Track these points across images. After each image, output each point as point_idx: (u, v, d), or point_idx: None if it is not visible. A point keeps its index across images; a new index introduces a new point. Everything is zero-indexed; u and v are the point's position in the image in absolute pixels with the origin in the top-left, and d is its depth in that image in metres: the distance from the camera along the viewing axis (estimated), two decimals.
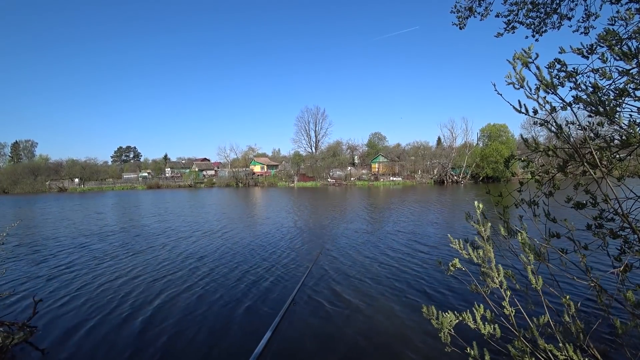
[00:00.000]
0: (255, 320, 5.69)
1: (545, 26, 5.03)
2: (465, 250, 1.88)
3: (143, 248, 11.52)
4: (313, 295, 6.67)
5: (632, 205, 1.91)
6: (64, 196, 47.32)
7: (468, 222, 1.94)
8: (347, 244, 11.29)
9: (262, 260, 9.44)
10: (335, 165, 63.98)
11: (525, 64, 1.56)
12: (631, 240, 1.87)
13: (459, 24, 5.67)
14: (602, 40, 1.79)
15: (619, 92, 1.71)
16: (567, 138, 1.57)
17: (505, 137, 55.17)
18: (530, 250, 1.73)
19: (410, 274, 7.86)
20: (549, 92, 1.55)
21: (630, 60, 1.56)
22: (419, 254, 9.68)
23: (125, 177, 74.39)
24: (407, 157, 64.55)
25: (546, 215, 1.95)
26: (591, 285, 1.73)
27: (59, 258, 10.31)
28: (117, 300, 6.71)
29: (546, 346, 1.65)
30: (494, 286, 1.81)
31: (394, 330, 5.22)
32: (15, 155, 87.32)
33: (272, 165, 75.68)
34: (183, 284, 7.59)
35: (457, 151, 59.89)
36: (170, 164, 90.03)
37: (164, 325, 5.59)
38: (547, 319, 1.74)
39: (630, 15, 1.99)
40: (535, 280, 1.70)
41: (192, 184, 65.46)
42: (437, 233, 12.89)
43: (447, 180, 56.81)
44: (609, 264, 1.92)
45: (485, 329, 1.79)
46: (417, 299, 6.40)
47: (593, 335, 2.08)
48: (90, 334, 5.35)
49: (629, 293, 1.55)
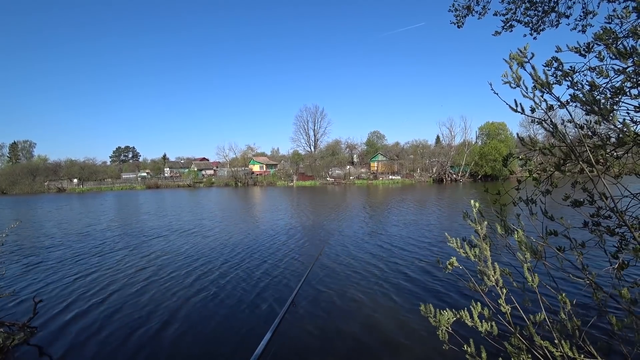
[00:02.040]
0: (255, 321, 5.70)
1: (543, 24, 5.04)
2: (462, 249, 1.89)
3: (142, 247, 11.52)
4: (313, 296, 6.68)
5: (629, 202, 1.92)
6: (62, 196, 47.26)
7: (465, 220, 1.95)
8: (346, 244, 11.31)
9: (261, 261, 9.44)
10: (334, 164, 63.99)
11: (521, 64, 1.57)
12: (628, 238, 1.89)
13: (457, 22, 5.67)
14: (599, 39, 1.80)
15: (615, 91, 1.72)
16: (563, 137, 1.58)
17: (504, 135, 55.28)
18: (527, 248, 1.74)
19: (409, 273, 7.88)
20: (544, 92, 1.56)
21: (625, 59, 1.57)
22: (418, 253, 9.71)
23: (124, 177, 74.40)
24: (406, 155, 64.62)
25: (544, 213, 1.97)
26: (587, 283, 1.74)
27: (59, 259, 10.31)
28: (117, 301, 6.71)
29: (542, 343, 1.67)
30: (490, 284, 1.82)
31: (393, 330, 5.24)
32: (13, 155, 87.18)
33: (271, 165, 75.67)
34: (182, 284, 7.60)
35: (456, 149, 59.98)
36: (169, 164, 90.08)
37: (163, 326, 5.60)
38: (543, 316, 1.76)
39: (627, 14, 1.99)
40: (531, 278, 1.71)
41: (191, 184, 65.42)
42: (435, 231, 12.91)
43: (446, 178, 56.89)
44: (607, 262, 1.93)
45: (482, 326, 1.81)
46: (417, 297, 6.42)
47: (590, 332, 2.09)
48: (90, 335, 5.36)
49: (624, 290, 1.56)
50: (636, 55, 1.54)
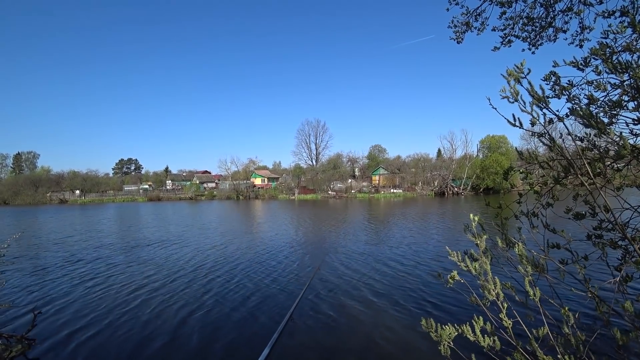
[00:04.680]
0: (254, 336, 5.62)
1: (541, 39, 5.12)
2: (463, 263, 1.88)
3: (142, 260, 11.46)
4: (312, 310, 6.59)
5: (631, 215, 1.92)
6: (64, 208, 47.31)
7: (466, 234, 1.95)
8: (346, 257, 11.22)
9: (261, 275, 9.37)
10: (336, 177, 63.99)
11: (518, 80, 1.60)
12: (631, 251, 1.87)
13: (456, 38, 5.76)
14: (595, 54, 1.83)
15: (612, 105, 1.74)
16: (560, 151, 1.59)
17: (504, 148, 55.43)
18: (528, 261, 1.73)
19: (410, 287, 7.79)
20: (541, 107, 1.58)
21: (621, 73, 1.60)
22: (419, 266, 9.62)
23: (126, 189, 74.54)
24: (407, 169, 64.62)
25: (545, 226, 1.96)
26: (589, 296, 1.72)
27: (59, 270, 10.26)
28: (115, 313, 6.65)
29: (545, 358, 1.64)
30: (491, 298, 1.80)
31: (394, 344, 5.15)
32: (17, 166, 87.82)
33: (273, 178, 75.74)
34: (180, 299, 7.53)
35: (457, 163, 60.01)
36: (171, 176, 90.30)
37: (160, 339, 5.53)
38: (546, 330, 1.73)
39: (622, 29, 2.03)
40: (533, 292, 1.70)
41: (192, 197, 65.46)
42: (437, 245, 12.82)
43: (448, 192, 56.75)
44: (610, 275, 1.92)
45: (485, 341, 1.78)
46: (418, 312, 6.33)
47: (594, 346, 2.06)
48: (88, 347, 5.29)
49: (627, 303, 1.54)
50: (631, 69, 1.56)
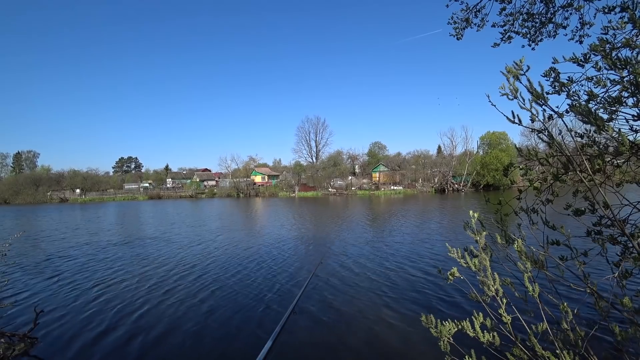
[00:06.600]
0: (256, 329, 5.66)
1: (541, 35, 5.09)
2: (463, 260, 1.89)
3: (144, 258, 11.50)
4: (314, 304, 6.62)
5: (630, 211, 1.92)
6: (65, 207, 47.37)
7: (465, 230, 1.95)
8: (347, 253, 11.24)
9: (263, 270, 9.40)
10: (336, 174, 63.99)
11: (517, 77, 1.60)
12: (630, 247, 1.88)
13: (456, 34, 5.74)
14: (594, 50, 1.83)
15: (612, 101, 1.74)
16: (559, 147, 1.60)
17: (505, 145, 55.33)
18: (527, 258, 1.74)
19: (410, 282, 7.81)
20: (540, 104, 1.58)
21: (620, 69, 1.60)
22: (419, 263, 9.63)
23: (127, 188, 74.56)
24: (407, 166, 64.62)
25: (544, 223, 1.97)
26: (588, 292, 1.73)
27: (61, 269, 10.29)
28: (117, 311, 6.67)
29: (544, 353, 1.65)
30: (491, 294, 1.81)
31: (394, 339, 5.18)
32: (17, 165, 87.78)
33: (273, 175, 75.74)
34: (184, 294, 7.56)
35: (457, 159, 60.02)
36: (171, 175, 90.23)
37: (164, 336, 5.55)
38: (545, 326, 1.74)
39: (622, 25, 2.03)
40: (532, 288, 1.71)
41: (193, 195, 65.48)
42: (437, 242, 12.84)
43: (448, 188, 56.77)
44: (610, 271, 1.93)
45: (484, 337, 1.79)
46: (418, 307, 6.35)
47: (593, 342, 2.07)
48: (90, 346, 5.31)
49: (626, 299, 1.55)
50: (631, 65, 1.56)
